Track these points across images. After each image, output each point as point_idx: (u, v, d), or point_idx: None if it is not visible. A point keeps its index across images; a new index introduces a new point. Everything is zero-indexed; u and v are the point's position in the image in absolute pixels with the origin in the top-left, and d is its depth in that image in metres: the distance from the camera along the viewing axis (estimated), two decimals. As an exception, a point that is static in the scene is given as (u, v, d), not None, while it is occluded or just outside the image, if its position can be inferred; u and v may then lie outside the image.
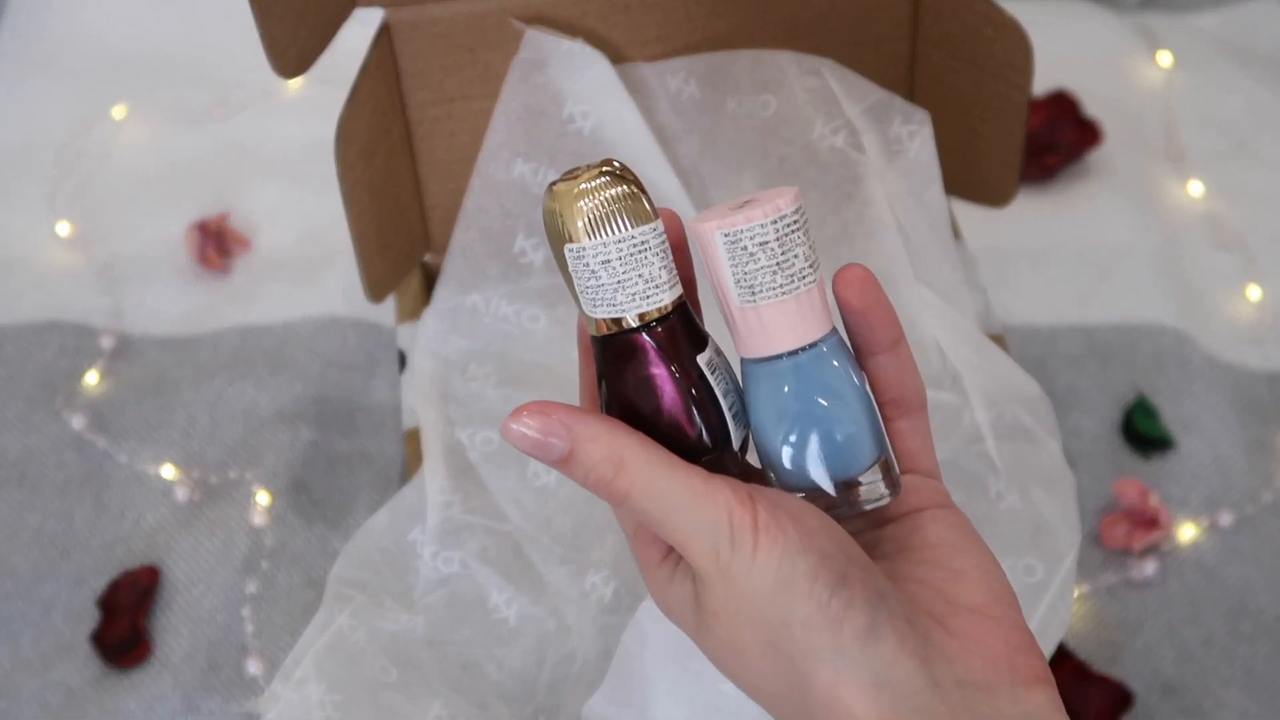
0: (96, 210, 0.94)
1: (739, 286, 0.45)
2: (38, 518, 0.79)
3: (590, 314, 0.46)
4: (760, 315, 0.45)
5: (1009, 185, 0.77)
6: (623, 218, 0.45)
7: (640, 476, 0.44)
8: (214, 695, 0.72)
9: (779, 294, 0.45)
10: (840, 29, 0.74)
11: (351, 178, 0.69)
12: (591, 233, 0.44)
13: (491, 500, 0.70)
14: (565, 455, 0.45)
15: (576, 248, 0.45)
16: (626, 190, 0.45)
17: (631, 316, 0.45)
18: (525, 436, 0.45)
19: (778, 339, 0.46)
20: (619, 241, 0.45)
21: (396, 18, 0.71)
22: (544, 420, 0.45)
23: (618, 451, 0.45)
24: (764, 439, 0.47)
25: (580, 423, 0.45)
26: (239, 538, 0.77)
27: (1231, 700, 0.72)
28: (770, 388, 0.46)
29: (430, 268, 0.80)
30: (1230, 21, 1.04)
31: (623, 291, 0.45)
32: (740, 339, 0.46)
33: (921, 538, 0.48)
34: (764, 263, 0.45)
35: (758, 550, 0.43)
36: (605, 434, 0.45)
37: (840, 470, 0.47)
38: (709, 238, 0.45)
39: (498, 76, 0.73)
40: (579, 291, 0.45)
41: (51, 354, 0.86)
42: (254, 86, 0.98)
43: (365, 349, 0.86)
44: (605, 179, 0.45)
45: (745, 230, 0.45)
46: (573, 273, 0.45)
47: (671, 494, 0.44)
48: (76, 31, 1.03)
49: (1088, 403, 0.83)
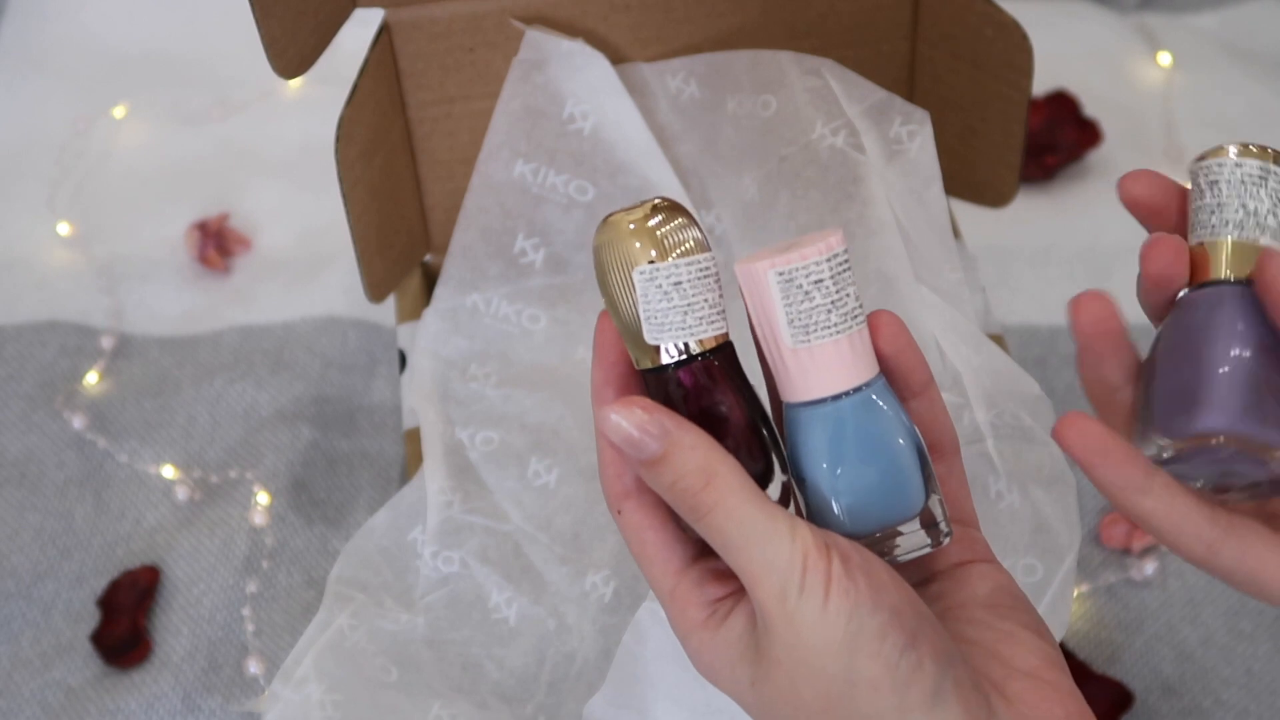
0: (96, 210, 0.94)
1: (792, 326, 0.45)
2: (38, 517, 0.79)
3: (654, 340, 0.45)
4: (813, 356, 0.45)
5: (1009, 185, 0.77)
6: (690, 242, 0.45)
7: (727, 496, 0.44)
8: (214, 695, 0.72)
9: (833, 333, 0.45)
10: (840, 29, 0.74)
11: (351, 178, 0.69)
12: (664, 254, 0.45)
13: (492, 500, 0.70)
14: (658, 457, 0.44)
15: (650, 269, 0.45)
16: (689, 219, 0.45)
17: (696, 341, 0.45)
18: (622, 428, 0.44)
19: (830, 380, 0.45)
20: (690, 263, 0.45)
21: (396, 18, 0.71)
22: (647, 416, 0.44)
23: (712, 465, 0.44)
24: (813, 484, 0.46)
25: (680, 428, 0.44)
26: (239, 538, 0.77)
27: (1231, 700, 0.72)
28: (821, 431, 0.45)
29: (430, 268, 0.80)
30: (1230, 21, 1.04)
31: (691, 315, 0.45)
32: (789, 382, 0.46)
33: (969, 594, 0.47)
34: (819, 301, 0.44)
35: (829, 601, 0.42)
36: (702, 445, 0.44)
37: (894, 515, 0.46)
38: (761, 277, 0.45)
39: (498, 76, 0.73)
40: (644, 317, 0.45)
41: (51, 354, 0.86)
42: (254, 86, 0.98)
43: (365, 349, 0.86)
44: (668, 207, 0.45)
45: (800, 269, 0.44)
46: (640, 296, 0.45)
47: (753, 522, 0.43)
48: (76, 31, 1.03)
49: (1088, 403, 0.83)
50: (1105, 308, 0.47)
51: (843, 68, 0.73)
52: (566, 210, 0.74)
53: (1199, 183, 0.49)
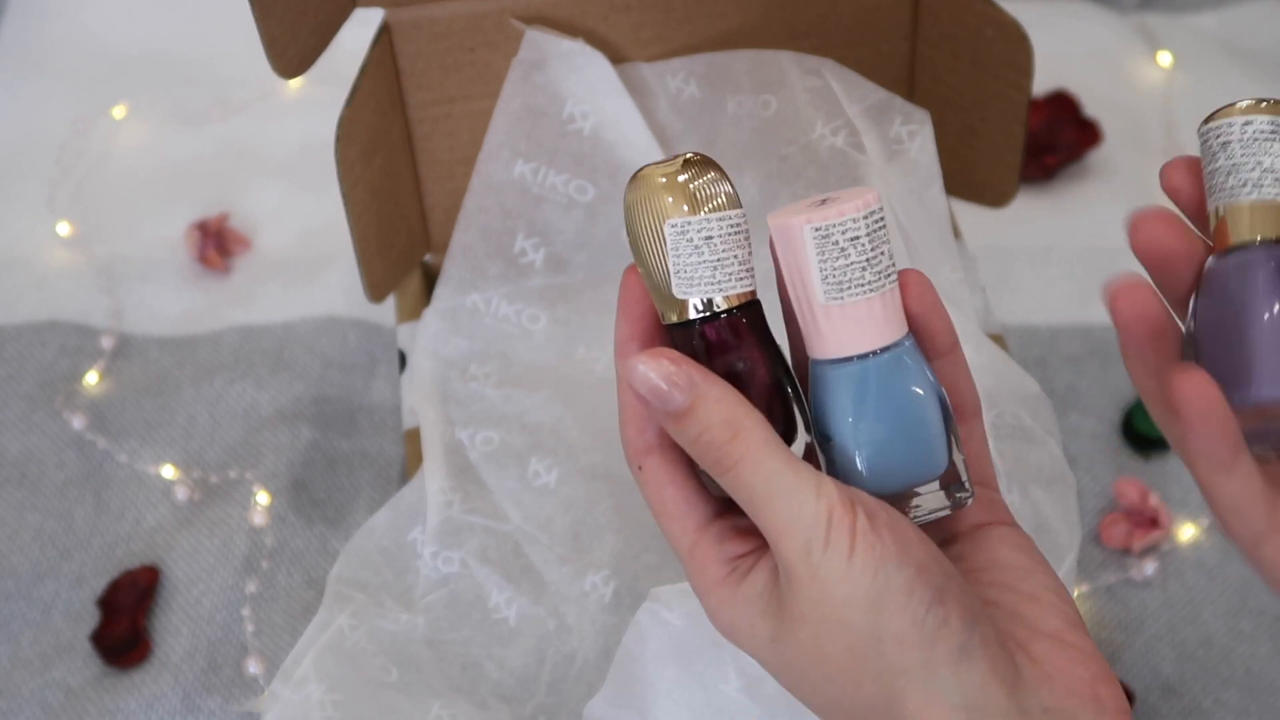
0: (96, 210, 0.94)
1: (826, 283, 0.44)
2: (38, 518, 0.79)
3: (683, 294, 0.45)
4: (846, 313, 0.45)
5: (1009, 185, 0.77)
6: (722, 198, 0.45)
7: (753, 449, 0.43)
8: (214, 695, 0.72)
9: (867, 291, 0.44)
10: (840, 29, 0.74)
11: (351, 178, 0.69)
12: (696, 208, 0.44)
13: (491, 500, 0.70)
14: (684, 409, 0.44)
15: (681, 222, 0.44)
16: (721, 174, 0.45)
17: (727, 296, 0.45)
18: (650, 379, 0.44)
19: (862, 338, 0.45)
20: (721, 218, 0.45)
21: (396, 18, 0.71)
22: (674, 368, 0.44)
23: (739, 418, 0.44)
24: (839, 442, 0.46)
25: (707, 380, 0.44)
26: (239, 538, 0.77)
27: (1231, 700, 0.72)
28: (850, 389, 0.45)
29: (430, 268, 0.80)
30: (1230, 21, 1.04)
31: (721, 270, 0.45)
32: (819, 339, 0.45)
33: (990, 556, 0.47)
34: (854, 258, 0.44)
35: (853, 555, 0.42)
36: (728, 398, 0.44)
37: (920, 473, 0.46)
38: (797, 232, 0.44)
39: (498, 76, 0.73)
40: (674, 271, 0.45)
41: (51, 354, 0.86)
42: (254, 86, 0.98)
43: (365, 349, 0.86)
44: (700, 161, 0.45)
45: (838, 225, 0.44)
46: (671, 250, 0.45)
47: (779, 476, 0.43)
48: (76, 31, 1.03)
49: (1088, 403, 0.83)
50: (1144, 295, 0.46)
51: (843, 68, 0.73)
52: (566, 210, 0.74)
53: (1210, 146, 0.48)
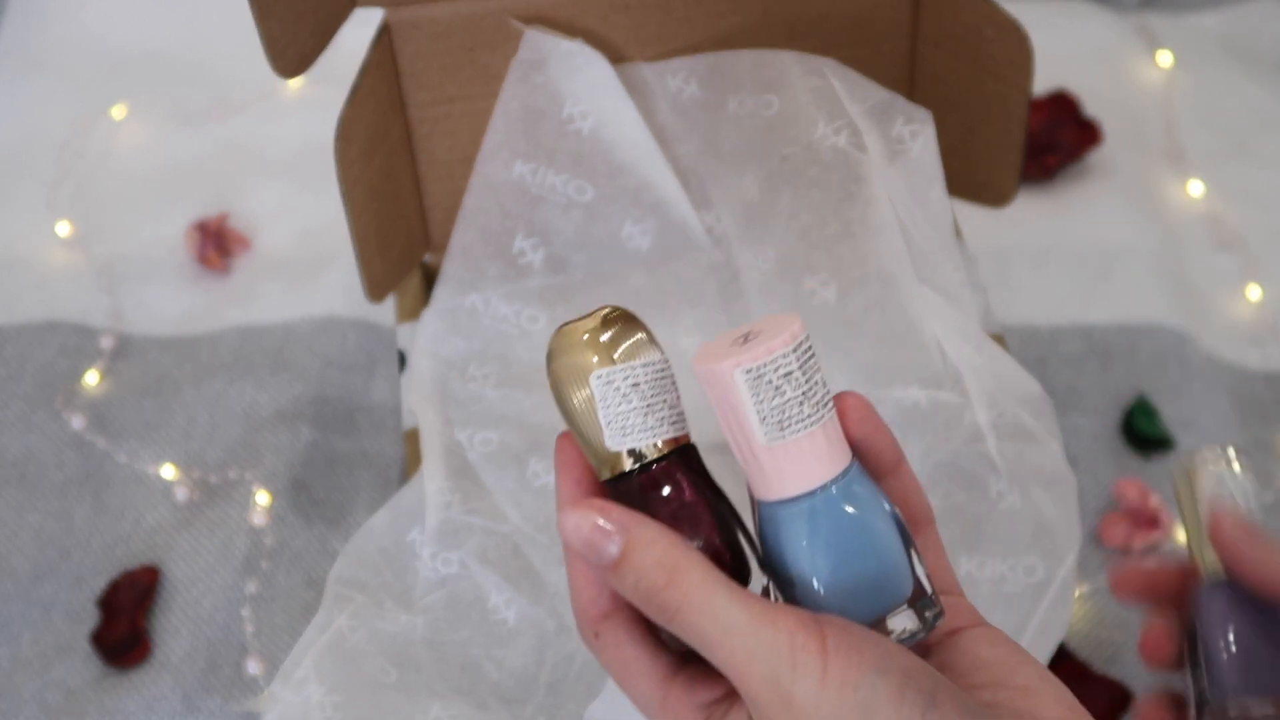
0: (96, 210, 0.94)
1: (765, 424, 0.43)
2: (38, 518, 0.79)
3: (617, 445, 0.44)
4: (789, 451, 0.43)
5: (1009, 185, 0.77)
6: (643, 346, 0.45)
7: (695, 590, 0.42)
8: (214, 695, 0.72)
9: (808, 425, 0.43)
10: (840, 29, 0.74)
11: (351, 178, 0.69)
12: (620, 358, 0.44)
13: (490, 500, 0.70)
14: (619, 557, 0.42)
15: (607, 372, 0.44)
16: (639, 323, 0.45)
17: (660, 443, 0.44)
18: (579, 530, 0.43)
19: (808, 475, 0.43)
20: (645, 365, 0.44)
21: (396, 18, 0.71)
22: (602, 517, 0.43)
23: (674, 559, 0.42)
24: (801, 582, 0.44)
25: (638, 525, 0.43)
26: (239, 538, 0.77)
27: (1231, 700, 0.72)
28: (803, 527, 0.43)
29: (430, 268, 0.80)
30: (1230, 21, 1.04)
31: (652, 416, 0.44)
32: (764, 481, 0.44)
33: (972, 659, 0.45)
34: (790, 395, 0.42)
35: (828, 673, 0.40)
36: (662, 540, 0.42)
37: (887, 600, 0.44)
38: (727, 376, 0.42)
39: (498, 76, 0.73)
40: (605, 423, 0.44)
41: (51, 354, 0.86)
42: (254, 86, 0.98)
43: (365, 349, 0.86)
44: (619, 316, 0.45)
45: (769, 363, 0.42)
46: (599, 401, 0.44)
47: (727, 612, 0.41)
48: (76, 31, 1.03)
49: (1088, 403, 0.83)
50: (1139, 578, 0.49)
51: (845, 68, 0.73)
52: (565, 210, 0.74)
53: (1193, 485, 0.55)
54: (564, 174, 0.73)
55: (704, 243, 0.75)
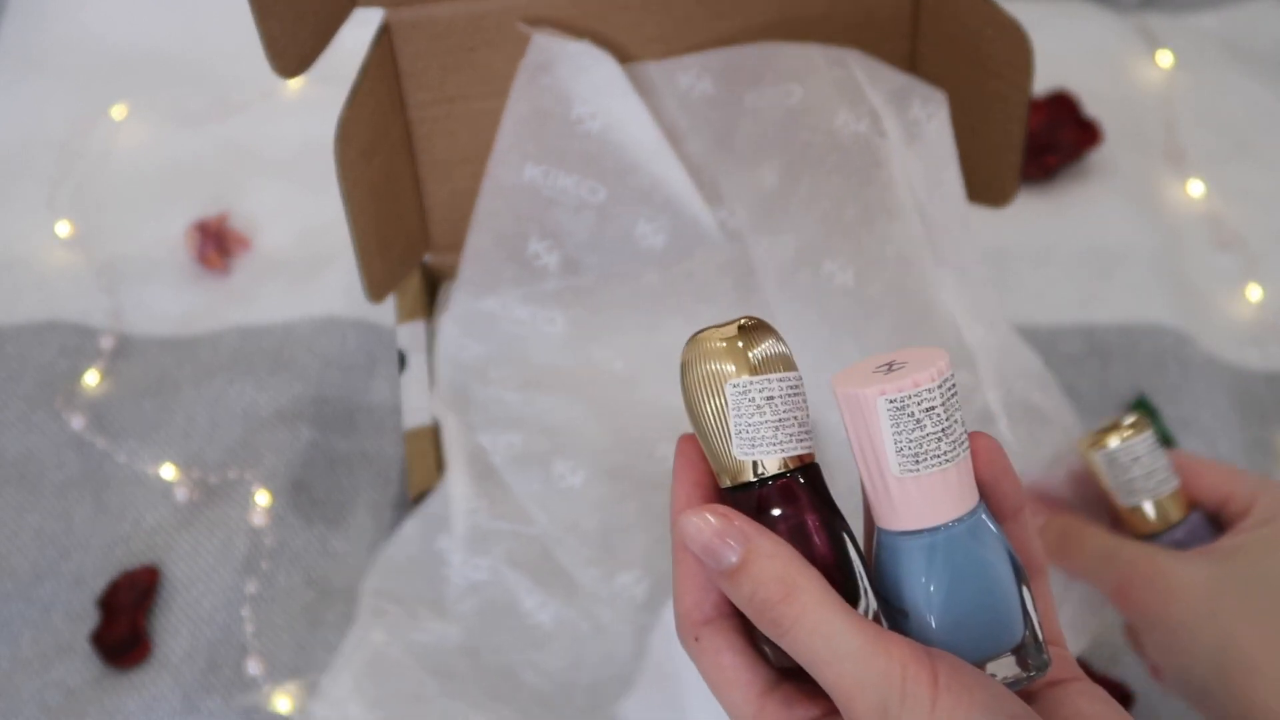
0: (96, 210, 0.94)
1: (900, 455, 0.42)
2: (38, 518, 0.79)
3: (744, 455, 0.44)
4: (921, 485, 0.43)
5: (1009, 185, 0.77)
6: (781, 360, 0.45)
7: (811, 609, 0.42)
8: (214, 695, 0.72)
9: (943, 462, 0.43)
10: (840, 29, 0.74)
11: (351, 178, 0.69)
12: (757, 370, 0.44)
13: (516, 504, 0.70)
14: (737, 566, 0.43)
15: (744, 382, 0.44)
16: (778, 337, 0.45)
17: (786, 458, 0.44)
18: (701, 533, 0.43)
19: (936, 510, 0.43)
20: (781, 379, 0.44)
21: (396, 18, 0.71)
22: (725, 524, 0.43)
23: (792, 575, 0.42)
24: (914, 614, 0.44)
25: (760, 536, 0.43)
26: (239, 538, 0.77)
27: (1231, 700, 0.72)
28: (924, 561, 0.43)
29: (430, 268, 0.80)
30: (1230, 21, 1.04)
31: (782, 431, 0.44)
32: (891, 510, 0.44)
33: (1072, 711, 0.45)
34: (930, 429, 0.42)
35: (936, 709, 0.40)
36: (782, 554, 0.43)
37: (998, 643, 0.44)
38: (870, 403, 0.42)
39: (498, 76, 0.73)
40: (734, 432, 0.44)
41: (51, 354, 0.86)
42: (254, 86, 0.98)
43: (365, 349, 0.86)
44: (756, 325, 0.45)
45: (912, 396, 0.42)
46: (732, 410, 0.44)
47: (842, 635, 0.41)
48: (76, 31, 1.03)
49: (1088, 403, 0.83)
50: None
51: (867, 56, 0.72)
52: (577, 212, 0.74)
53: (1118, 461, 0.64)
54: (575, 175, 0.73)
55: (718, 239, 0.75)
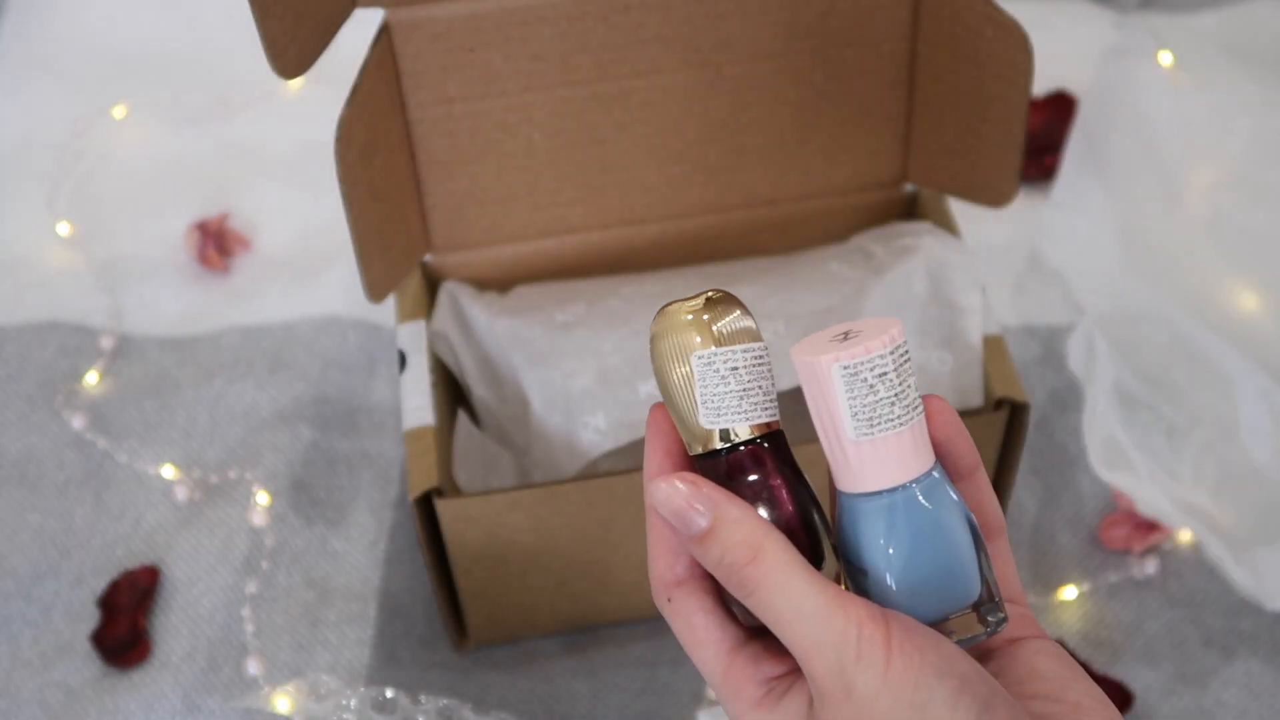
0: (96, 210, 0.94)
1: (855, 420, 0.44)
2: (38, 518, 0.79)
3: (710, 424, 0.46)
4: (875, 448, 0.44)
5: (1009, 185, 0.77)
6: (745, 332, 0.46)
7: (775, 571, 0.43)
8: (214, 695, 0.72)
9: (897, 425, 0.44)
10: (840, 29, 0.74)
11: (351, 178, 0.68)
12: (721, 341, 0.46)
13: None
14: (705, 530, 0.44)
15: (708, 354, 0.45)
16: (743, 310, 0.47)
17: (752, 426, 0.46)
18: (671, 500, 0.45)
19: (892, 472, 0.45)
20: (745, 350, 0.46)
21: (396, 18, 0.71)
22: (693, 490, 0.45)
23: (758, 539, 0.44)
24: (873, 574, 0.45)
25: (727, 502, 0.44)
26: (238, 538, 0.77)
27: (1231, 700, 0.72)
28: (882, 521, 0.45)
29: (430, 268, 0.80)
30: (1230, 21, 1.04)
31: (746, 400, 0.46)
32: (849, 473, 0.45)
33: (1028, 669, 0.46)
34: (883, 394, 0.44)
35: (889, 668, 0.41)
36: (748, 519, 0.44)
37: (955, 601, 0.45)
38: (824, 370, 0.44)
39: (498, 76, 0.73)
40: (700, 401, 0.46)
41: (51, 354, 0.86)
42: (254, 86, 0.98)
43: (365, 349, 0.86)
44: (723, 298, 0.46)
45: (865, 362, 0.44)
46: (698, 380, 0.46)
47: (803, 596, 0.43)
48: (76, 31, 1.03)
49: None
50: None
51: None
52: None
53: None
54: None
55: None
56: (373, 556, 0.77)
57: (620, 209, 0.78)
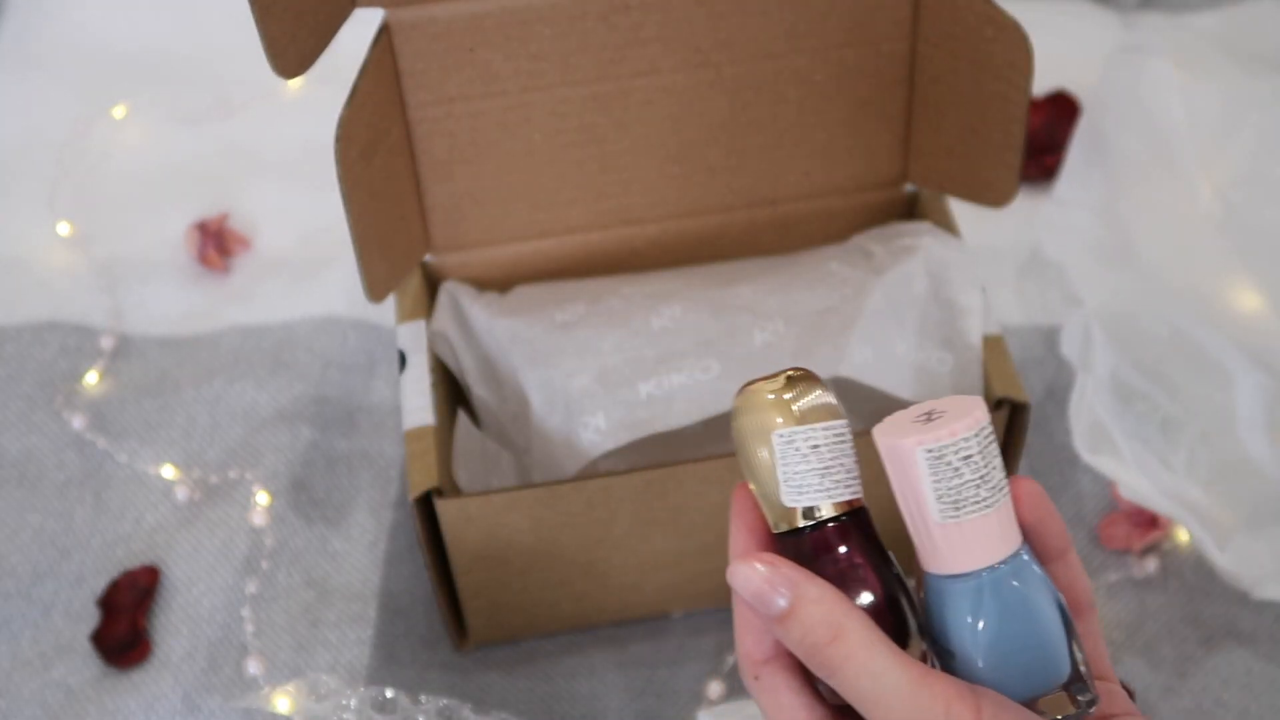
0: (96, 210, 0.94)
1: (940, 502, 0.44)
2: (38, 518, 0.79)
3: (793, 502, 0.46)
4: (962, 530, 0.44)
5: (1009, 185, 0.77)
6: (826, 410, 0.47)
7: (858, 649, 0.44)
8: (214, 695, 0.72)
9: (983, 508, 0.44)
10: (840, 29, 0.74)
11: (351, 178, 0.69)
12: (802, 420, 0.46)
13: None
14: (785, 611, 0.45)
15: (788, 432, 0.46)
16: (824, 388, 0.47)
17: (835, 504, 0.46)
18: (750, 582, 0.45)
19: (978, 554, 0.45)
20: (826, 428, 0.46)
21: (396, 18, 0.71)
22: (772, 571, 0.45)
23: (838, 618, 0.44)
24: (961, 655, 0.45)
25: (806, 582, 0.45)
26: (239, 537, 0.77)
27: (1231, 700, 0.72)
28: (969, 603, 0.45)
29: (430, 268, 0.80)
30: (1230, 21, 1.04)
31: (828, 478, 0.46)
32: (935, 555, 0.45)
33: None
34: (968, 477, 0.44)
35: None
36: (828, 598, 0.44)
37: (1044, 682, 0.45)
38: (909, 454, 0.44)
39: (498, 76, 0.73)
40: (782, 479, 0.46)
41: (51, 354, 0.86)
42: (254, 86, 0.98)
43: (365, 349, 0.86)
44: (803, 376, 0.47)
45: (950, 445, 0.44)
46: (779, 459, 0.46)
47: (887, 674, 0.43)
48: (76, 31, 1.03)
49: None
50: None
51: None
52: None
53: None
54: None
55: None
56: (373, 556, 0.77)
57: (620, 209, 0.78)
